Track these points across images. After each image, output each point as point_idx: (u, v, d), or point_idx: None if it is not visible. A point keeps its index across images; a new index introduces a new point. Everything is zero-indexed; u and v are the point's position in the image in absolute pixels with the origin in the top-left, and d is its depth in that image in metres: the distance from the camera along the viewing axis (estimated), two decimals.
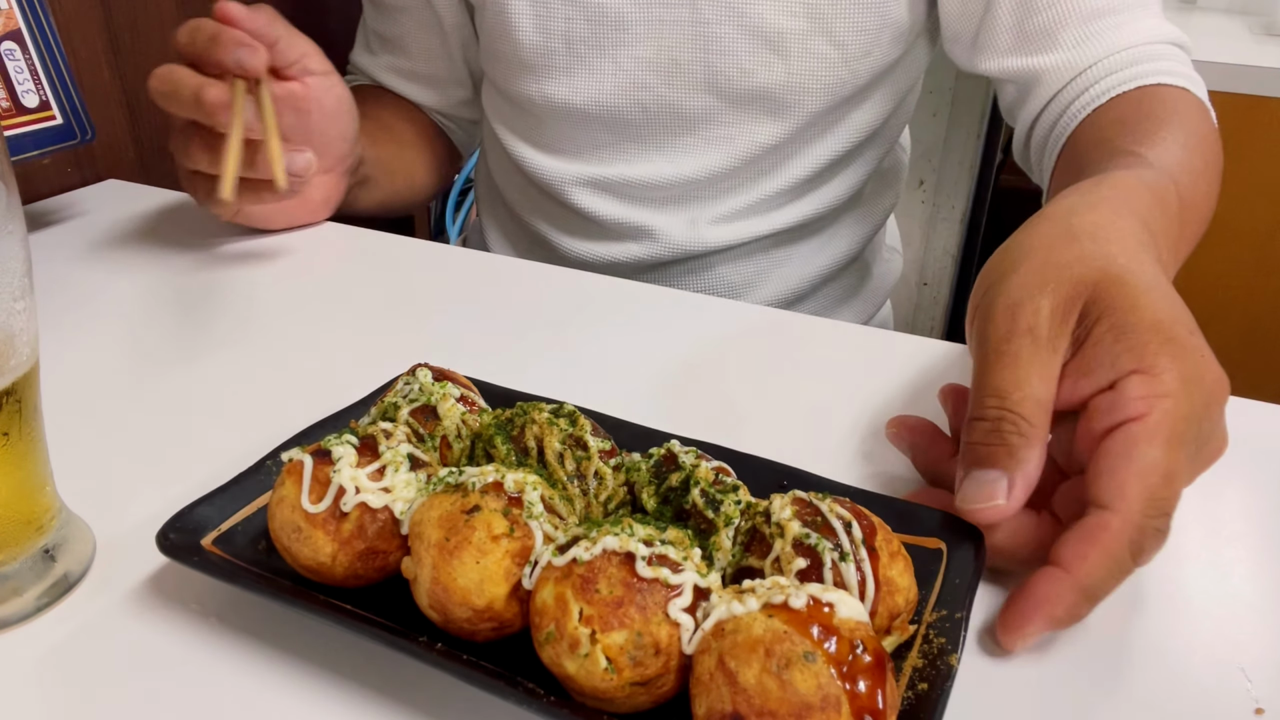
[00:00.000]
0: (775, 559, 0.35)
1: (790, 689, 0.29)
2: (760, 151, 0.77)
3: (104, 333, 0.63)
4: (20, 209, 0.36)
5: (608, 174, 0.80)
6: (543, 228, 0.86)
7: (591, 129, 0.79)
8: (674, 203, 0.80)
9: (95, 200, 0.85)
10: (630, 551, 0.33)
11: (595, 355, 0.60)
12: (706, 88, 0.74)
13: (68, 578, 0.41)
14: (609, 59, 0.75)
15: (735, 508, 0.38)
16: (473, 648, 0.36)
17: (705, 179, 0.78)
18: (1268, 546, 0.45)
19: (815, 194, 0.82)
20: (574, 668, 0.32)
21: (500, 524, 0.35)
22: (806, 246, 0.85)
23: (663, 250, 0.81)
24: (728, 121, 0.76)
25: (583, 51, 0.75)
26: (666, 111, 0.76)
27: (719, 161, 0.77)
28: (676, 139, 0.77)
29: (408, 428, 0.42)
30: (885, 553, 0.35)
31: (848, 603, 0.32)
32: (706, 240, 0.80)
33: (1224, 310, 1.57)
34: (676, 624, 0.32)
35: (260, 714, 0.35)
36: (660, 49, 0.74)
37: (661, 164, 0.78)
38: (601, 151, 0.80)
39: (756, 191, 0.80)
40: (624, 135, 0.78)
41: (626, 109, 0.77)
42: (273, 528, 0.38)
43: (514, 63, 0.78)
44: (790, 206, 0.81)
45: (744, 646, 0.30)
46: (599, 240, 0.83)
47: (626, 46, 0.74)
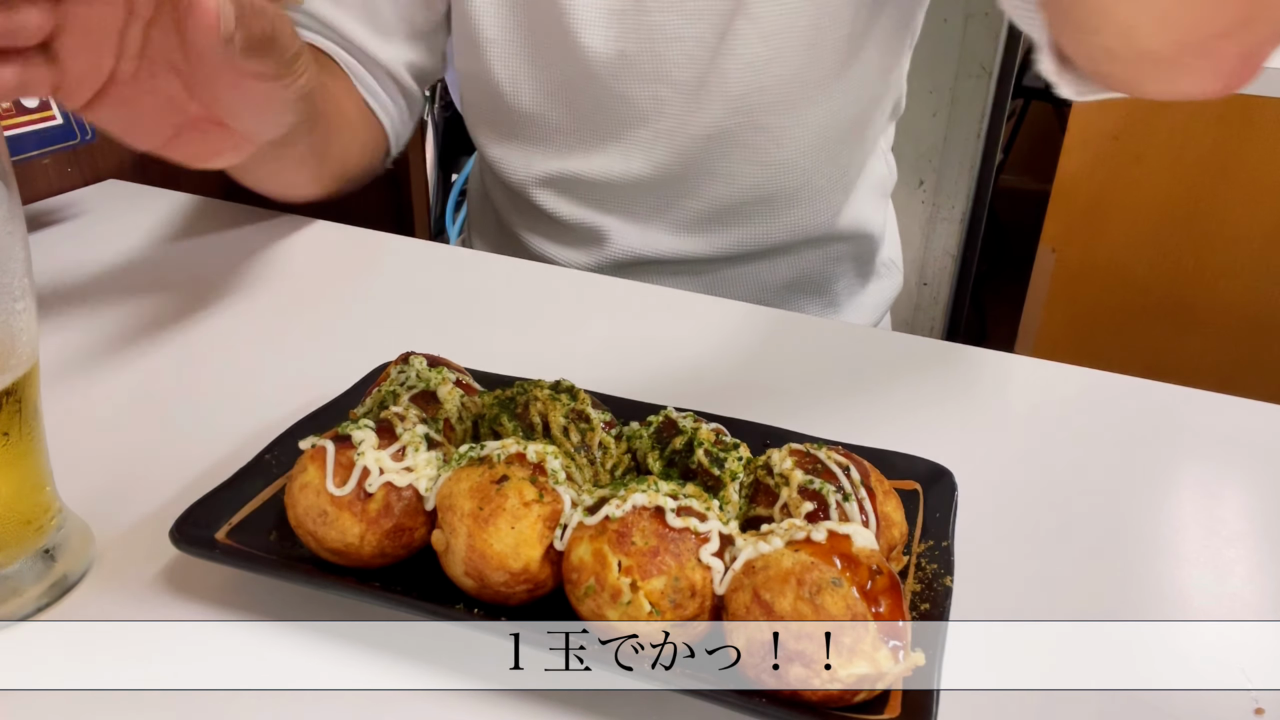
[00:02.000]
0: (783, 505, 0.39)
1: (823, 612, 0.33)
2: (709, 145, 0.77)
3: (103, 332, 0.61)
4: (20, 209, 0.36)
5: (565, 170, 0.80)
6: (519, 229, 0.86)
7: (555, 113, 0.78)
8: (635, 204, 0.81)
9: (95, 200, 0.83)
10: (659, 506, 0.36)
11: (592, 355, 0.61)
12: (656, 78, 0.74)
13: (67, 578, 0.41)
14: (559, 48, 0.74)
15: (739, 463, 0.41)
16: (506, 611, 0.38)
17: (659, 176, 0.78)
18: (1268, 546, 0.46)
19: (781, 211, 0.80)
20: (616, 616, 0.35)
21: (530, 491, 0.37)
22: (780, 268, 0.84)
23: (624, 256, 0.82)
24: (674, 114, 0.76)
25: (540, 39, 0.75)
26: (618, 101, 0.76)
27: (666, 157, 0.77)
28: (629, 131, 0.77)
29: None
30: (880, 491, 0.39)
31: (861, 534, 0.35)
32: (676, 248, 0.81)
33: (1224, 310, 1.56)
34: (708, 568, 0.35)
35: (280, 701, 0.36)
36: (608, 40, 0.73)
37: (615, 157, 0.78)
38: (561, 139, 0.79)
39: (711, 198, 0.79)
40: (581, 123, 0.78)
41: (581, 98, 0.76)
42: (295, 514, 0.39)
43: (475, 41, 0.77)
44: (756, 223, 0.80)
45: (776, 579, 0.34)
46: (565, 244, 0.83)
47: (575, 34, 0.73)
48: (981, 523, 0.45)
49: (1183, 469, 0.52)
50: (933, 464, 0.45)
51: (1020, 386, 0.59)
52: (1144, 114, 1.53)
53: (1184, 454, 0.53)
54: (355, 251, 0.76)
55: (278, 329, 0.64)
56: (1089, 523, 0.47)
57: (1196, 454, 0.53)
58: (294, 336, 0.63)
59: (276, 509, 0.42)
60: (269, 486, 0.43)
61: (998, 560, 0.44)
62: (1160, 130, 1.53)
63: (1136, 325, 1.63)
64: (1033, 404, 0.57)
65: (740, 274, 0.84)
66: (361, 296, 0.69)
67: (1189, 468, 0.52)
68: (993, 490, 0.48)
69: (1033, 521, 0.47)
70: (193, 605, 0.40)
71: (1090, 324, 1.69)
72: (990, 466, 0.50)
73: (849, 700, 0.33)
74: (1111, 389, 0.59)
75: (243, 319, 0.64)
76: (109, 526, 0.44)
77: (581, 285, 0.72)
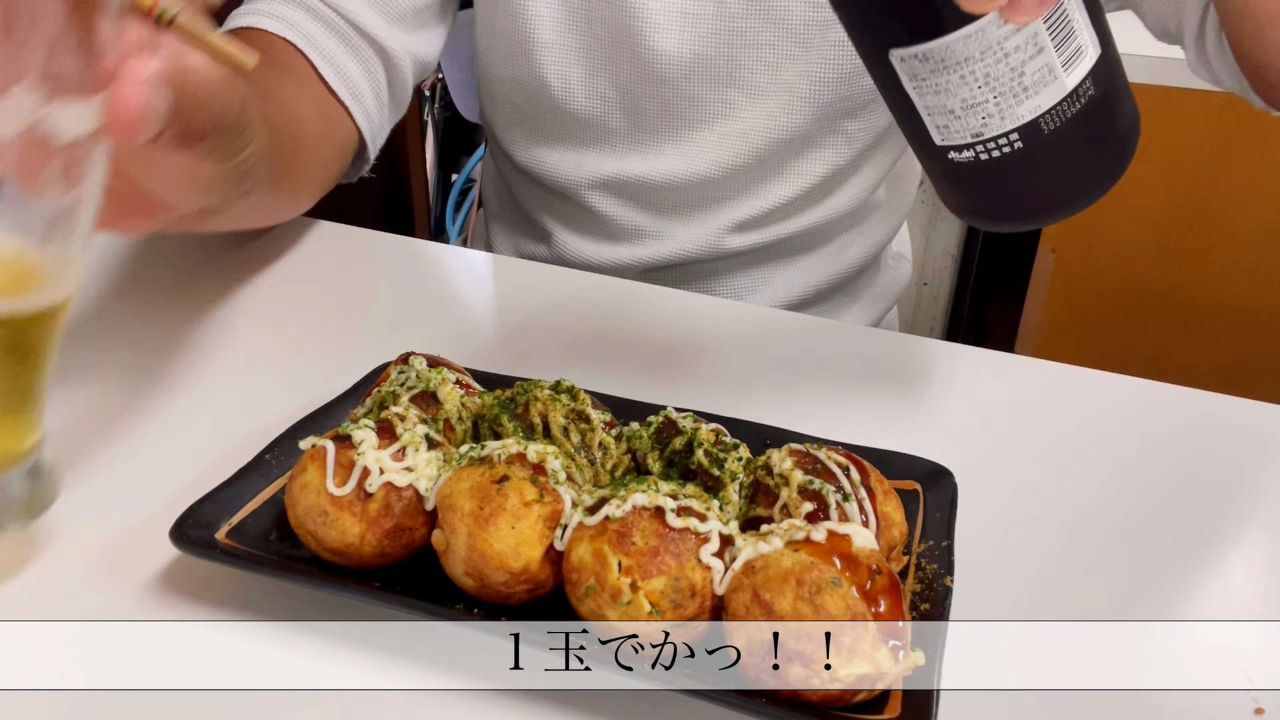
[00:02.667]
0: (783, 505, 0.39)
1: (823, 612, 0.33)
2: (774, 148, 0.77)
3: (103, 332, 0.61)
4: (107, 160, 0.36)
5: (622, 172, 0.79)
6: (552, 226, 0.84)
7: (611, 116, 0.77)
8: (689, 205, 0.80)
9: None
10: (659, 506, 0.36)
11: (592, 354, 0.61)
12: (729, 82, 0.74)
13: (46, 500, 0.41)
14: (626, 49, 0.74)
15: (738, 464, 0.41)
16: (506, 611, 0.38)
17: (719, 177, 0.78)
18: (1268, 546, 0.46)
19: (828, 200, 0.81)
20: (617, 616, 0.35)
21: (530, 491, 0.37)
22: (815, 255, 0.85)
23: (672, 254, 0.81)
24: (744, 117, 0.76)
25: (603, 37, 0.74)
26: (685, 104, 0.76)
27: (732, 158, 0.77)
28: (693, 133, 0.77)
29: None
30: (880, 492, 0.39)
31: (861, 534, 0.35)
32: (721, 246, 0.80)
33: (1224, 310, 1.54)
34: (708, 568, 0.35)
35: (280, 701, 0.36)
36: (681, 43, 0.73)
37: (675, 159, 0.78)
38: (615, 141, 0.79)
39: (770, 196, 0.79)
40: (640, 125, 0.77)
41: (645, 100, 0.76)
42: (295, 514, 0.39)
43: (526, 44, 0.76)
44: (803, 214, 0.81)
45: (776, 579, 0.34)
46: (609, 242, 0.82)
47: (646, 37, 0.73)
48: (981, 523, 0.45)
49: (1183, 469, 0.52)
50: (933, 464, 0.45)
51: (1020, 386, 0.59)
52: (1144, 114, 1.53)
53: (1184, 454, 0.53)
54: (355, 251, 0.76)
55: (278, 329, 0.64)
56: (1089, 523, 0.47)
57: (1196, 454, 0.53)
58: (294, 336, 0.63)
59: (276, 509, 0.42)
60: (269, 486, 0.43)
61: (998, 560, 0.44)
62: (1160, 130, 1.53)
63: (1136, 325, 1.63)
64: (1033, 404, 0.57)
65: (775, 274, 0.85)
66: (361, 296, 0.69)
67: (1189, 468, 0.52)
68: (993, 490, 0.48)
69: (1033, 521, 0.47)
70: (193, 605, 0.40)
71: (1090, 324, 1.69)
72: (990, 466, 0.50)
73: (849, 700, 0.33)
74: (1111, 389, 0.59)
75: (243, 319, 0.64)
76: (109, 526, 0.44)
77: (582, 285, 0.72)
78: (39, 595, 0.41)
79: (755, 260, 0.84)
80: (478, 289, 0.71)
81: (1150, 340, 1.63)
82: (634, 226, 0.82)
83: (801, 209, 0.81)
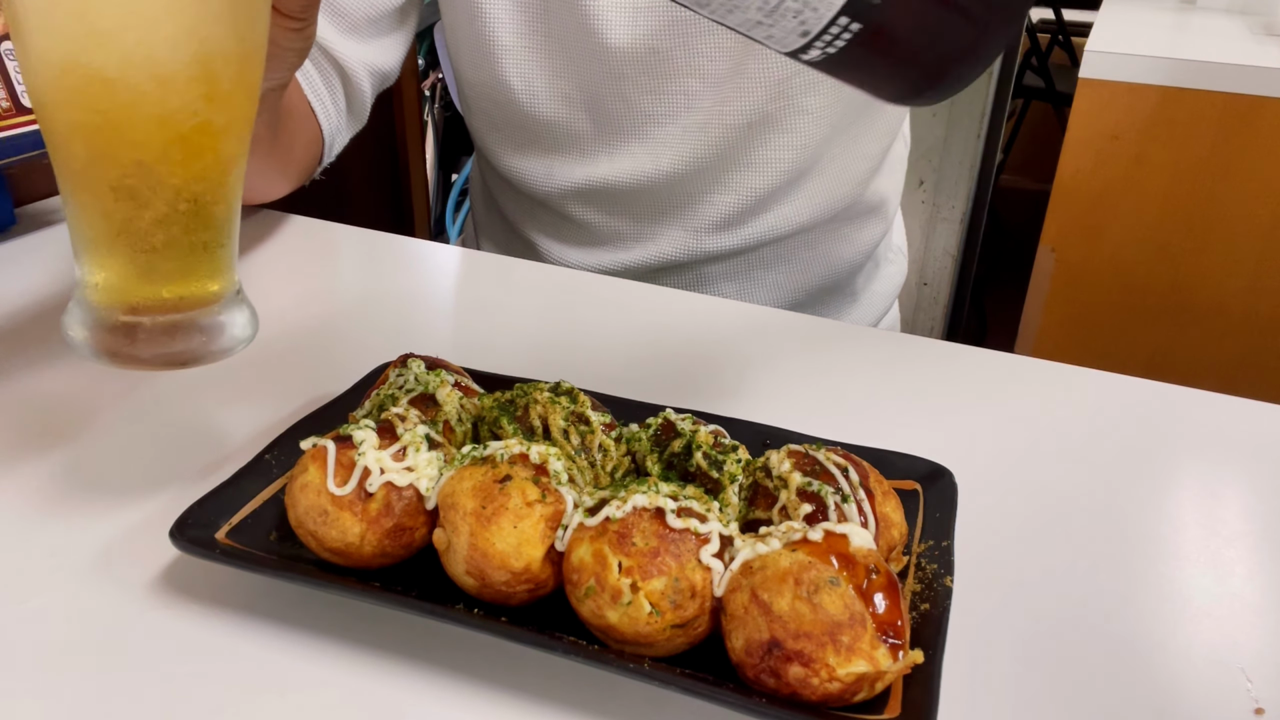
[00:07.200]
0: (782, 507, 0.39)
1: (821, 611, 0.33)
2: (734, 134, 0.76)
3: None
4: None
5: (593, 177, 0.78)
6: (535, 236, 0.85)
7: (576, 118, 0.77)
8: (664, 205, 0.80)
9: None
10: (660, 507, 0.36)
11: (592, 355, 0.61)
12: (688, 71, 0.73)
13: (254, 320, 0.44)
14: (585, 47, 0.74)
15: (737, 466, 0.41)
16: (507, 612, 0.38)
17: (687, 173, 0.77)
18: (1268, 546, 0.46)
19: (803, 192, 0.80)
20: (617, 616, 0.35)
21: (533, 491, 0.37)
22: (803, 257, 0.84)
23: (653, 258, 0.81)
24: (703, 107, 0.75)
25: (561, 37, 0.74)
26: (649, 99, 0.75)
27: (694, 151, 0.76)
28: (658, 129, 0.76)
29: None
30: (879, 492, 0.39)
31: (859, 533, 0.35)
32: (702, 247, 0.80)
33: (1224, 310, 1.55)
34: (708, 569, 0.35)
35: (280, 701, 0.36)
36: (635, 37, 0.73)
37: (643, 158, 0.77)
38: (584, 145, 0.78)
39: (743, 189, 0.79)
40: (606, 126, 0.77)
41: (608, 100, 0.76)
42: (295, 514, 0.39)
43: (488, 47, 0.76)
44: (781, 207, 0.80)
45: (774, 579, 0.34)
46: (590, 248, 0.82)
47: (600, 34, 0.73)
48: (981, 523, 0.45)
49: (1183, 469, 0.52)
50: (933, 464, 0.45)
51: (1020, 386, 0.59)
52: (1144, 114, 1.53)
53: (1184, 454, 0.53)
54: (355, 251, 0.77)
55: (278, 329, 0.64)
56: (1089, 522, 0.47)
57: (1196, 454, 0.53)
58: (294, 336, 0.63)
59: (276, 509, 0.42)
60: (269, 486, 0.43)
61: (998, 560, 0.44)
62: (1160, 130, 1.53)
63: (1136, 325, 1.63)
64: (1033, 404, 0.57)
65: (765, 277, 0.84)
66: (361, 296, 0.69)
67: (1189, 467, 0.52)
68: (993, 490, 0.48)
69: (1033, 521, 0.47)
70: (193, 605, 0.40)
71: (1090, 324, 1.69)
72: (990, 466, 0.50)
73: (848, 699, 0.33)
74: (1111, 389, 0.59)
75: None
76: (109, 526, 0.44)
77: (581, 285, 0.72)
78: (39, 595, 0.41)
79: (743, 264, 0.83)
80: (478, 289, 0.71)
81: (1150, 340, 1.63)
82: (613, 231, 0.81)
83: (779, 202, 0.80)
